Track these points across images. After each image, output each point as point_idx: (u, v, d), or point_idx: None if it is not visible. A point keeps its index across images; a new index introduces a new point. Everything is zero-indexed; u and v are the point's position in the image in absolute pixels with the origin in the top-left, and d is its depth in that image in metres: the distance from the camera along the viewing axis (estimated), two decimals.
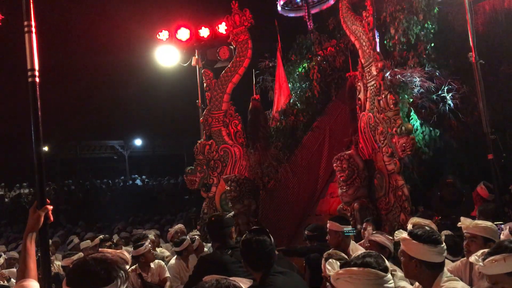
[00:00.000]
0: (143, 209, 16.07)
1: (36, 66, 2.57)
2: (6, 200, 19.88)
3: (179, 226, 7.64)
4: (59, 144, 27.35)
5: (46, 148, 27.82)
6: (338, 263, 2.50)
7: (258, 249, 2.67)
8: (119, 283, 1.71)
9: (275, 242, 3.15)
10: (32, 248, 2.23)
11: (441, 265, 2.65)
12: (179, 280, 5.59)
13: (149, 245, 5.75)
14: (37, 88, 2.56)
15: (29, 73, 2.57)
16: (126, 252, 4.43)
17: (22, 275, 2.12)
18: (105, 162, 30.74)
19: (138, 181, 24.56)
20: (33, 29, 2.60)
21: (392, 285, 1.88)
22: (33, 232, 2.28)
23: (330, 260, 2.73)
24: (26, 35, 2.59)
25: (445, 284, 2.54)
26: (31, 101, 2.53)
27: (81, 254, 5.21)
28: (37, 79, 2.56)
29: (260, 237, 2.70)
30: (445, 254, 2.66)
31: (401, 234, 2.86)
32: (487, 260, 2.28)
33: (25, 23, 2.59)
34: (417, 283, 2.82)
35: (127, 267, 2.02)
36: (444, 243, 2.65)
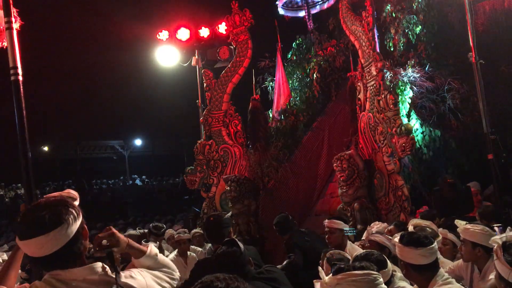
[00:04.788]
0: (143, 209, 16.06)
1: (19, 64, 2.48)
2: (7, 200, 19.84)
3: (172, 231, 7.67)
4: (59, 144, 27.33)
5: (46, 148, 27.86)
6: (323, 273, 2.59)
7: (230, 260, 2.81)
8: (70, 222, 1.64)
9: (275, 242, 3.16)
10: (19, 258, 2.09)
11: (430, 268, 2.58)
12: None
13: None
14: (21, 87, 2.48)
15: (12, 71, 2.47)
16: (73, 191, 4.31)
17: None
18: (105, 162, 30.72)
19: (138, 181, 24.55)
20: (14, 26, 2.50)
21: (384, 286, 1.98)
22: None
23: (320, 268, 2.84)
24: (7, 32, 2.49)
25: (440, 287, 2.50)
26: (15, 100, 2.46)
27: None
28: (20, 77, 2.48)
29: (229, 249, 2.85)
30: (433, 256, 2.58)
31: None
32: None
33: (5, 19, 2.50)
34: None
35: (77, 202, 1.93)
36: (432, 245, 2.57)
